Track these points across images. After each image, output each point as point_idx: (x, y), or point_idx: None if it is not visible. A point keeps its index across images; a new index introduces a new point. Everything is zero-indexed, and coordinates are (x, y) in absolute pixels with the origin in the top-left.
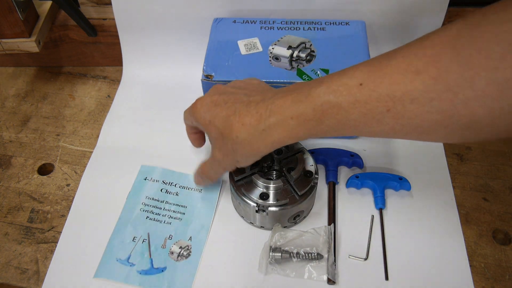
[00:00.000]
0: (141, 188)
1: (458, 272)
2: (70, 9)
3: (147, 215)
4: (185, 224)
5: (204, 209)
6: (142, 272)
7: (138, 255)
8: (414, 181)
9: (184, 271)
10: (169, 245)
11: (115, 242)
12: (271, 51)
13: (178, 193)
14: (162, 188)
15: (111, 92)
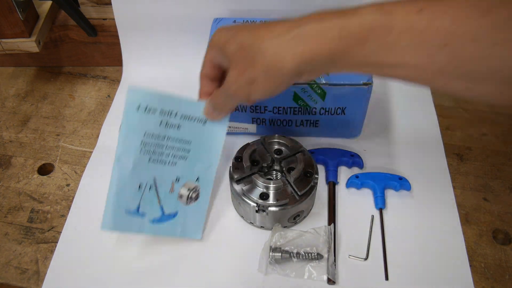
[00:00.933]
0: (135, 122)
1: (458, 272)
2: (70, 9)
3: (150, 157)
4: (191, 164)
5: (210, 144)
6: (155, 220)
7: (148, 204)
8: (414, 181)
9: (194, 213)
10: (177, 188)
11: (119, 191)
12: None
13: (179, 126)
14: (161, 121)
15: (111, 92)
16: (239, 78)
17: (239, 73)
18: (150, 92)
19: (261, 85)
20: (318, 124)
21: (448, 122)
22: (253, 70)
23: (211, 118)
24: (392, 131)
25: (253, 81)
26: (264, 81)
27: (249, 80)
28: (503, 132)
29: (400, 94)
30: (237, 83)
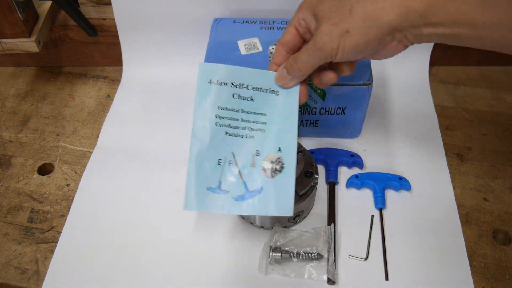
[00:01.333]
0: (208, 96)
1: (458, 272)
2: (70, 9)
3: (226, 130)
4: (270, 135)
5: (286, 113)
6: (239, 198)
7: (229, 180)
8: (414, 181)
9: (282, 186)
10: (258, 162)
11: (198, 168)
12: (271, 51)
13: (253, 98)
14: (234, 93)
15: (111, 92)
16: (332, 29)
17: (333, 24)
18: (220, 65)
19: (354, 36)
20: (318, 124)
21: (448, 122)
22: (349, 20)
23: (283, 83)
24: (392, 131)
25: (346, 32)
26: (358, 32)
27: (342, 31)
28: (503, 132)
29: (400, 94)
30: (329, 35)
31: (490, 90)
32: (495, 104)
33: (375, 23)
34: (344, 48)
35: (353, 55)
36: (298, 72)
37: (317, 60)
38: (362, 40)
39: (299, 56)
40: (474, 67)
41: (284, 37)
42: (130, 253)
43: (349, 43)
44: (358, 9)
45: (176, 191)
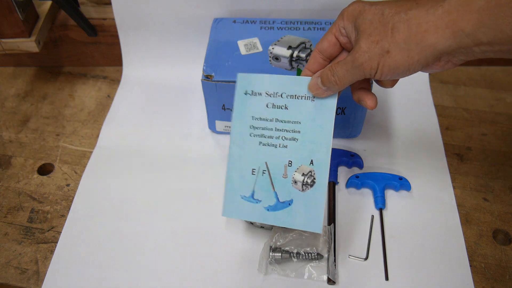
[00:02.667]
0: (245, 107)
1: (458, 272)
2: (70, 9)
3: (260, 141)
4: (303, 146)
5: (321, 123)
6: (270, 208)
7: (262, 190)
8: (414, 181)
9: (311, 202)
10: (290, 173)
11: (235, 177)
12: (271, 51)
13: (287, 106)
14: (268, 103)
15: (111, 92)
16: (372, 47)
17: (373, 41)
18: (256, 76)
19: (395, 58)
20: None
21: (448, 122)
22: (391, 40)
23: (316, 93)
24: (392, 131)
25: (387, 52)
26: (399, 53)
27: (382, 51)
28: (503, 132)
29: (400, 94)
30: (369, 53)
31: (490, 90)
32: (495, 104)
33: (418, 46)
34: (384, 68)
35: (393, 75)
36: (334, 85)
37: (355, 76)
38: (403, 63)
39: (336, 69)
40: (474, 67)
41: (322, 43)
42: (130, 253)
43: (389, 64)
44: (401, 28)
45: (176, 191)
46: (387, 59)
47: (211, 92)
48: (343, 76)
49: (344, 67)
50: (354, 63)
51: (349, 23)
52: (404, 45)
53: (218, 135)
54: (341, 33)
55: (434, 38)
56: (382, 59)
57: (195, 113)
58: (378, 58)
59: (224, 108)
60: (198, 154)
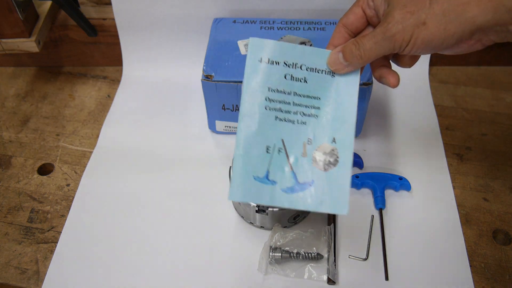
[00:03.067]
0: (258, 76)
1: (458, 272)
2: (70, 9)
3: (276, 115)
4: (324, 122)
5: (343, 98)
6: (287, 190)
7: (278, 170)
8: (414, 181)
9: (336, 182)
10: (310, 152)
11: (245, 155)
12: None
13: (306, 79)
14: (286, 74)
15: (111, 92)
16: (406, 17)
17: (409, 11)
18: (272, 42)
19: (431, 30)
20: None
21: (448, 122)
22: (428, 11)
23: (335, 68)
24: (392, 131)
25: (423, 23)
26: (436, 25)
27: (418, 21)
28: (503, 132)
29: (400, 94)
30: (402, 23)
31: (490, 90)
32: (495, 104)
33: (457, 18)
34: (417, 41)
35: (423, 49)
36: (358, 60)
37: (383, 49)
38: (439, 35)
39: (362, 42)
40: (474, 67)
41: (348, 17)
42: (130, 253)
43: (424, 36)
44: (440, 1)
45: (176, 191)
46: (422, 31)
47: (211, 92)
48: (370, 49)
49: (373, 39)
50: (386, 34)
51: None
52: (442, 16)
53: (218, 135)
54: (368, 5)
55: (475, 10)
56: (417, 30)
57: (195, 113)
58: (412, 29)
59: (224, 108)
60: (198, 154)
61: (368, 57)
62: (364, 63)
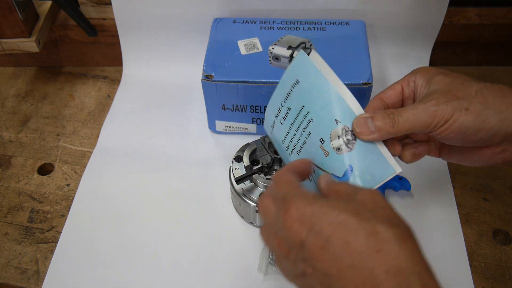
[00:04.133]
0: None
1: (458, 272)
2: (70, 9)
3: (297, 149)
4: (319, 118)
5: (315, 85)
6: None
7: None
8: (414, 181)
9: (368, 150)
10: (329, 147)
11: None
12: (271, 51)
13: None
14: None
15: (111, 92)
16: (451, 99)
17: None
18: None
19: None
20: None
21: None
22: (473, 99)
23: (361, 131)
24: None
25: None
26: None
27: (461, 106)
28: None
29: None
30: (446, 103)
31: None
32: None
33: (498, 115)
34: (455, 123)
35: (456, 134)
36: (389, 127)
37: (419, 123)
38: (477, 124)
39: (398, 111)
40: (474, 67)
41: (386, 91)
42: (130, 253)
43: (463, 120)
44: (484, 93)
45: (176, 191)
46: (462, 115)
47: (211, 92)
48: (405, 119)
49: (412, 110)
50: (427, 108)
51: (422, 78)
52: (485, 108)
53: (218, 135)
54: (408, 85)
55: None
56: (458, 113)
57: (195, 113)
58: (453, 111)
59: (224, 108)
60: (198, 154)
61: (401, 128)
62: (393, 134)
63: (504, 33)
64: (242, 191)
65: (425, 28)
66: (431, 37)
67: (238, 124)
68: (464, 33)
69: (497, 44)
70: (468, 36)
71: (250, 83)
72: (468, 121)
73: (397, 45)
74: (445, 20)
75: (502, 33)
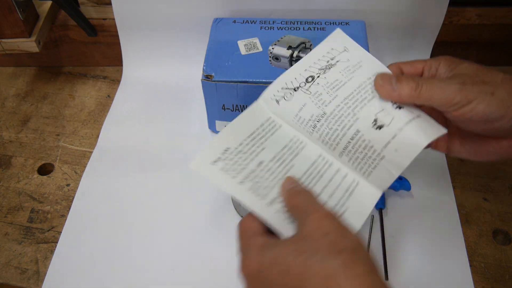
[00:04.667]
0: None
1: (458, 272)
2: (70, 9)
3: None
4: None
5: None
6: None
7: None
8: (414, 181)
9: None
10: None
11: None
12: (271, 51)
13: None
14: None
15: (111, 92)
16: (477, 82)
17: (479, 80)
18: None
19: (496, 101)
20: None
21: None
22: (499, 86)
23: (381, 87)
24: None
25: (491, 93)
26: (502, 100)
27: (487, 90)
28: None
29: None
30: (472, 85)
31: None
32: None
33: None
34: (479, 105)
35: (478, 118)
36: (411, 90)
37: (442, 96)
38: (501, 110)
39: (424, 80)
40: None
41: (407, 65)
42: (130, 253)
43: (487, 103)
44: (509, 82)
45: (175, 191)
46: (486, 98)
47: (211, 92)
48: (430, 88)
49: (438, 82)
50: (453, 84)
51: (445, 65)
52: (509, 96)
53: None
54: (430, 69)
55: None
56: (482, 96)
57: (195, 113)
58: (478, 93)
59: (224, 108)
60: None
61: (423, 95)
62: (413, 99)
63: (504, 33)
64: None
65: (425, 28)
66: (431, 37)
67: None
68: (464, 33)
69: (497, 44)
70: (468, 36)
71: (250, 83)
72: (492, 105)
73: (397, 45)
74: (445, 20)
75: (502, 33)
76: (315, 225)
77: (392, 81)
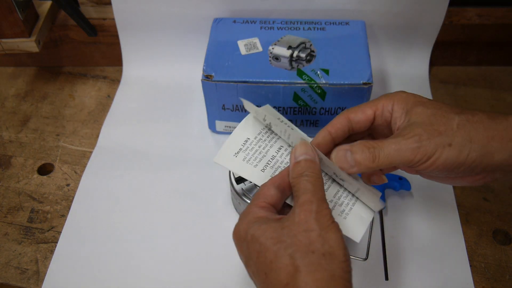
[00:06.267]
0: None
1: (458, 272)
2: (70, 9)
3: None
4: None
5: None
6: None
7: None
8: (414, 181)
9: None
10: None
11: None
12: (271, 51)
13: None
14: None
15: (111, 92)
16: (434, 135)
17: (436, 130)
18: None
19: (454, 152)
20: (318, 124)
21: None
22: (456, 134)
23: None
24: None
25: (448, 144)
26: (461, 149)
27: (444, 141)
28: None
29: None
30: (429, 140)
31: (490, 90)
32: (495, 104)
33: (481, 149)
34: (438, 160)
35: (440, 169)
36: (369, 163)
37: (401, 159)
38: (460, 160)
39: (379, 145)
40: (474, 67)
41: (357, 114)
42: (130, 253)
43: (446, 156)
44: (466, 127)
45: (176, 191)
46: (445, 151)
47: (211, 92)
48: (387, 154)
49: (394, 146)
50: (409, 144)
51: (400, 108)
52: (468, 142)
53: (218, 135)
54: (383, 114)
55: (497, 145)
56: (440, 149)
57: (195, 113)
58: (436, 147)
59: (224, 108)
60: (198, 154)
61: (382, 163)
62: (372, 169)
63: (504, 33)
64: (242, 191)
65: (425, 28)
66: (431, 37)
67: (238, 124)
68: (464, 33)
69: (497, 44)
70: (468, 36)
71: (250, 83)
72: (451, 157)
73: (397, 45)
74: (445, 20)
75: (502, 33)
76: (301, 218)
77: (348, 157)
